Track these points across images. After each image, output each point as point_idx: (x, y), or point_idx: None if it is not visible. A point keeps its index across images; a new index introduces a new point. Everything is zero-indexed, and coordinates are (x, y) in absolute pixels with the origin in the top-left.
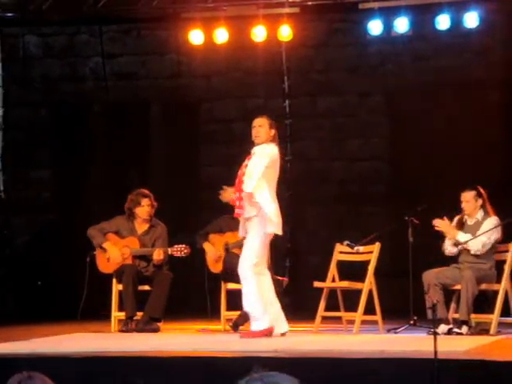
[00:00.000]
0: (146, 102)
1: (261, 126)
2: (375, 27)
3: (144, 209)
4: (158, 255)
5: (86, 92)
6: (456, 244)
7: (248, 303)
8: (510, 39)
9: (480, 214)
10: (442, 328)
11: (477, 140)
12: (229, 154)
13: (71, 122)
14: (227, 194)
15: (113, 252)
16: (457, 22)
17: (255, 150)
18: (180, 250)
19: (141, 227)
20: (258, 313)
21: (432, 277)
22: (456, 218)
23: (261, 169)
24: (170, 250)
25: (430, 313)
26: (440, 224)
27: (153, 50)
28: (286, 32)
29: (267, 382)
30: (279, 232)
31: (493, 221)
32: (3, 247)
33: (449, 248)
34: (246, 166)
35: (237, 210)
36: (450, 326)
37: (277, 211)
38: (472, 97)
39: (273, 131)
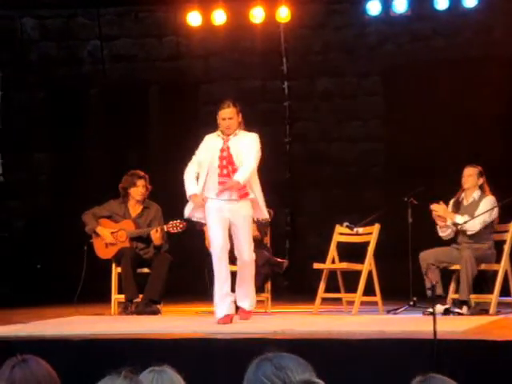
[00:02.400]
0: (144, 84)
1: (231, 119)
2: (374, 7)
3: (138, 189)
4: (155, 234)
5: (83, 75)
6: (454, 225)
7: (252, 284)
8: (509, 18)
9: (477, 194)
10: (439, 308)
11: (475, 120)
12: None
13: (69, 105)
14: None
15: (104, 234)
16: (455, 2)
17: (243, 137)
18: (176, 226)
19: (134, 209)
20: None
21: (429, 257)
22: (451, 201)
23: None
24: (165, 228)
25: (429, 293)
26: (437, 208)
27: (151, 32)
28: (284, 13)
29: (276, 364)
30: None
31: (490, 200)
32: (1, 230)
33: (442, 234)
34: (229, 150)
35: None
36: (447, 305)
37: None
38: (471, 76)
39: (240, 117)
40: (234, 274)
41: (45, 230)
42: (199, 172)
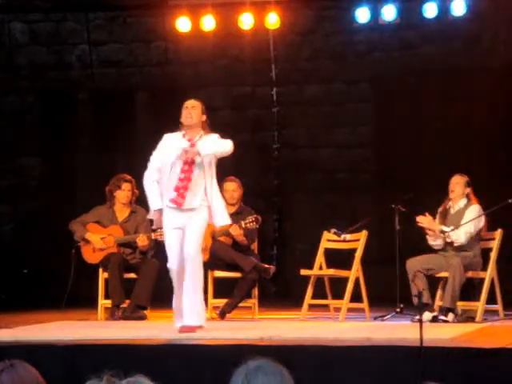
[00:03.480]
0: (132, 89)
1: (194, 108)
2: (363, 15)
3: (124, 193)
4: (142, 241)
5: (72, 79)
6: (441, 233)
7: (197, 295)
8: (497, 27)
9: (463, 202)
10: (427, 315)
11: (464, 128)
12: None
13: (58, 109)
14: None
15: (94, 239)
16: (444, 10)
17: (207, 138)
18: (163, 234)
19: (121, 214)
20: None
21: (416, 264)
22: (439, 210)
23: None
24: (153, 235)
25: (415, 300)
26: (423, 220)
27: (139, 38)
28: (273, 19)
29: (248, 376)
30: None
31: (475, 209)
32: None
33: (432, 243)
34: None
35: (179, 200)
36: (435, 313)
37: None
38: (459, 84)
39: (204, 116)
40: (227, 281)
41: (33, 234)
42: (159, 178)
